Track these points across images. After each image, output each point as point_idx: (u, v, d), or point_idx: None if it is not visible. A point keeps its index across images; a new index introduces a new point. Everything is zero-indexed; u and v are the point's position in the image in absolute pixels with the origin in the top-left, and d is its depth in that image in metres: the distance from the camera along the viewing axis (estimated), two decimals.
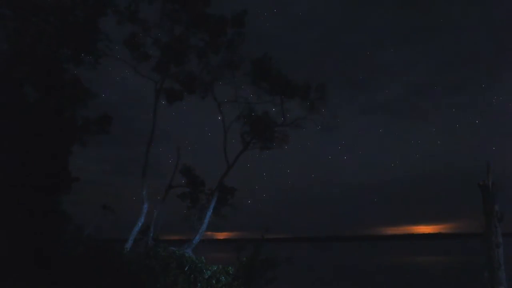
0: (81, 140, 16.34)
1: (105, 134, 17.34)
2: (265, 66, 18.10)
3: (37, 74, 14.05)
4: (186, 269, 12.49)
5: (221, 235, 20.98)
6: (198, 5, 17.02)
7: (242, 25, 17.82)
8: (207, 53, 18.08)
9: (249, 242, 17.61)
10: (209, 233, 18.96)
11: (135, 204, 16.96)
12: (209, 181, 19.83)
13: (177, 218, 19.75)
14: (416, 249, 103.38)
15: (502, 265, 9.71)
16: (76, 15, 14.73)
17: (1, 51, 13.83)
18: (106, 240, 14.20)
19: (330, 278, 36.44)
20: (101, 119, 17.12)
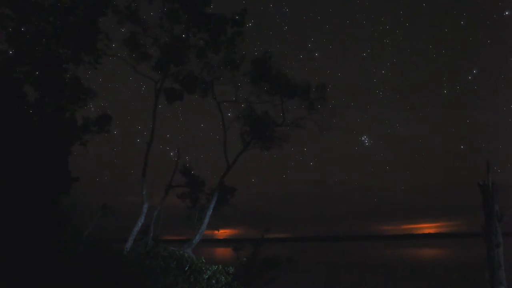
0: (81, 140, 16.36)
1: (105, 134, 17.38)
2: (265, 66, 18.08)
3: (37, 74, 14.04)
4: (186, 269, 12.50)
5: (221, 235, 20.92)
6: (198, 5, 16.99)
7: (242, 25, 17.79)
8: (207, 52, 18.04)
9: (249, 242, 17.65)
10: (209, 232, 18.98)
11: (135, 204, 16.97)
12: (209, 181, 19.85)
13: (177, 218, 19.77)
14: (416, 248, 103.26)
15: (502, 265, 9.71)
16: (76, 15, 14.71)
17: (1, 51, 13.82)
18: (106, 240, 14.20)
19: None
20: (101, 119, 17.13)
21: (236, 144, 19.17)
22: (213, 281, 12.81)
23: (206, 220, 17.74)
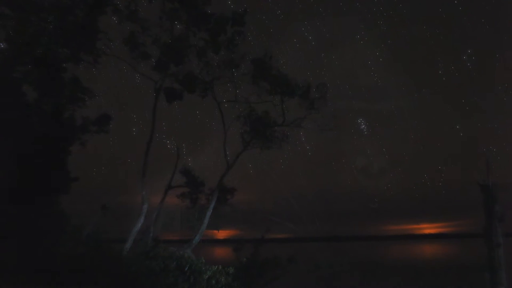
0: (80, 140, 16.31)
1: (104, 134, 17.33)
2: (265, 65, 18.04)
3: (37, 74, 14.02)
4: (186, 269, 12.47)
5: (221, 235, 20.87)
6: (198, 4, 16.96)
7: (242, 24, 17.76)
8: (207, 52, 18.01)
9: (249, 242, 17.61)
10: (209, 232, 18.95)
11: (135, 204, 16.91)
12: (209, 181, 19.78)
13: (177, 218, 19.71)
14: (417, 248, 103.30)
15: (502, 265, 9.70)
16: (76, 15, 14.68)
17: (1, 51, 13.81)
18: (106, 240, 14.16)
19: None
20: (101, 119, 17.08)
21: (237, 144, 19.14)
22: (213, 282, 12.80)
23: (206, 220, 17.71)
